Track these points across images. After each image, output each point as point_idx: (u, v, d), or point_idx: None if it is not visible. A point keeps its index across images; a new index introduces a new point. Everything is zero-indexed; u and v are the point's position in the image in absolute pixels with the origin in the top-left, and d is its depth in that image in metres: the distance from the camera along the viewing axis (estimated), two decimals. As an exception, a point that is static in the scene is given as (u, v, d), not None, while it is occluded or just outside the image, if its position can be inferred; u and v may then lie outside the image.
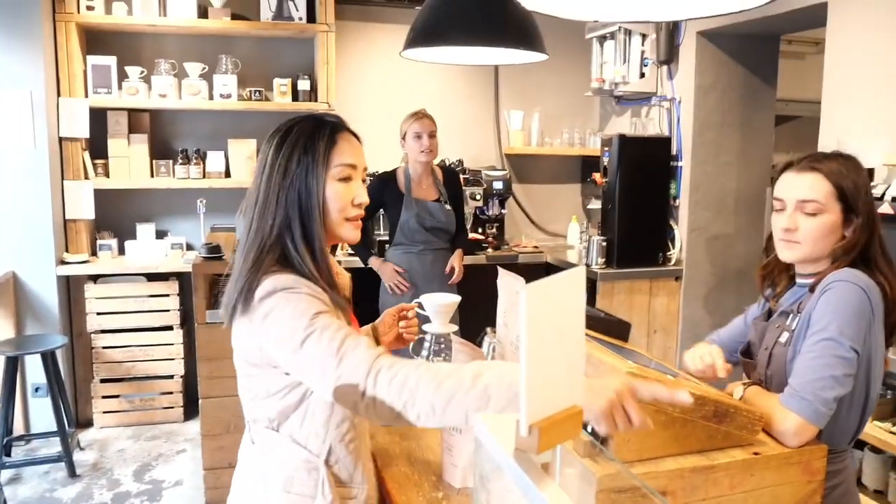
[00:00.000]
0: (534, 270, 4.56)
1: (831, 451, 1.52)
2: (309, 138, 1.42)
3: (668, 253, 4.36)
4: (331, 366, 1.25)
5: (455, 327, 2.30)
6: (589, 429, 1.22)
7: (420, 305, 2.32)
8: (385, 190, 3.72)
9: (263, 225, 1.40)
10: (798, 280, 1.71)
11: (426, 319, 2.31)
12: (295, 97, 4.58)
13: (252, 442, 1.50)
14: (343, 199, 1.44)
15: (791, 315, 1.65)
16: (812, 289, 1.61)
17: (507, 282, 1.74)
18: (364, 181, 1.51)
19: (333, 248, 4.01)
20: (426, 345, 2.32)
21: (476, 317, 3.82)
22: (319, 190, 1.41)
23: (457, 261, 3.76)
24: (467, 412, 1.16)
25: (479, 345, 2.21)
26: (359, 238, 1.51)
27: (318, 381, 1.29)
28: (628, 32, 4.49)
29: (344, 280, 1.57)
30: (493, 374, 1.18)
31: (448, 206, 3.77)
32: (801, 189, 1.60)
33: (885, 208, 2.69)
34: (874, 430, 2.63)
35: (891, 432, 2.61)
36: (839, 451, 1.60)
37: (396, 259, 3.73)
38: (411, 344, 2.35)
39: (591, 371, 1.44)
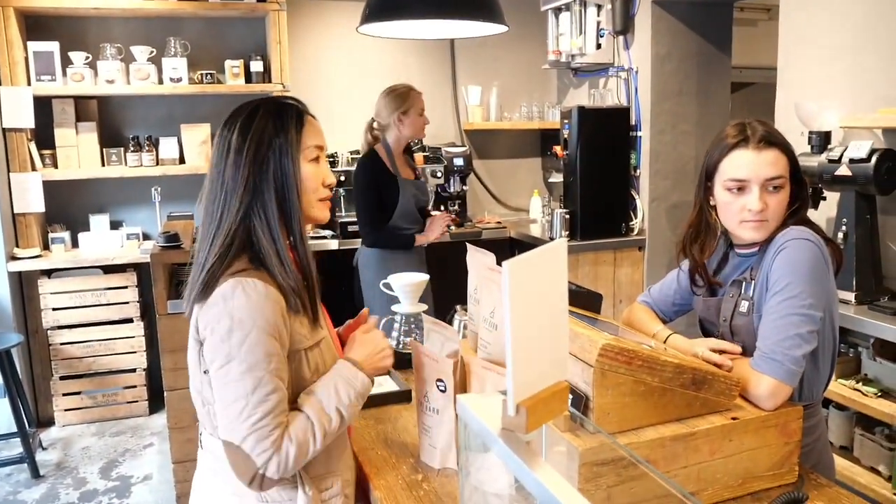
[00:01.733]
0: (498, 246, 4.55)
1: (807, 406, 1.56)
2: (277, 120, 1.39)
3: (631, 223, 4.39)
4: (239, 431, 1.26)
5: (425, 306, 2.28)
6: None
7: (387, 286, 2.29)
8: (379, 172, 3.44)
9: (230, 209, 1.35)
10: (738, 250, 1.71)
11: (395, 300, 2.28)
12: (248, 79, 4.47)
13: (200, 446, 1.45)
14: (315, 179, 1.43)
15: (745, 283, 1.65)
16: (761, 252, 1.63)
17: (476, 258, 1.71)
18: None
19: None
20: (396, 325, 2.29)
21: (442, 294, 3.83)
22: (296, 171, 1.38)
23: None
24: (333, 412, 1.35)
25: (450, 322, 2.19)
26: (328, 217, 1.50)
27: (222, 424, 1.29)
28: (583, 3, 4.47)
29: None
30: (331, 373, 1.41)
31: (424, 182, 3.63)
32: (766, 167, 1.58)
33: (842, 170, 2.72)
34: (839, 388, 2.68)
35: (855, 389, 2.66)
36: (813, 403, 1.64)
37: None
38: (381, 323, 2.32)
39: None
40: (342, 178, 4.43)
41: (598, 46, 4.49)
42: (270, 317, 1.29)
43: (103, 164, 4.36)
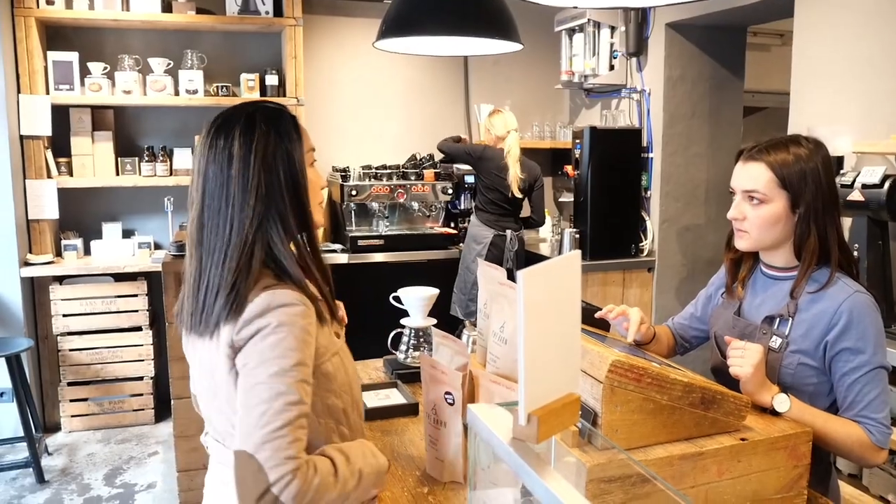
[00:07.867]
0: (507, 264, 4.54)
1: None
2: (279, 123, 1.34)
3: (641, 244, 4.39)
4: (255, 438, 1.14)
5: (434, 321, 2.28)
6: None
7: (398, 299, 2.29)
8: None
9: (242, 222, 1.27)
10: (765, 270, 1.72)
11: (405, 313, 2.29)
12: (263, 92, 4.51)
13: (206, 449, 1.42)
14: (316, 183, 1.40)
15: (780, 320, 1.63)
16: (793, 294, 1.61)
17: (487, 272, 1.71)
18: None
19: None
20: (404, 339, 2.30)
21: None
22: (304, 173, 1.34)
23: None
24: (356, 470, 1.26)
25: (459, 337, 2.19)
26: (323, 221, 1.48)
27: (239, 433, 1.18)
28: (597, 25, 4.50)
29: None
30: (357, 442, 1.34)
31: None
32: (745, 179, 1.63)
33: (854, 195, 2.72)
34: (848, 415, 2.66)
35: (864, 416, 2.65)
36: None
37: None
38: (390, 337, 2.32)
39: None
40: (353, 192, 4.45)
41: (612, 68, 4.51)
42: (306, 326, 1.24)
43: (118, 173, 4.40)
